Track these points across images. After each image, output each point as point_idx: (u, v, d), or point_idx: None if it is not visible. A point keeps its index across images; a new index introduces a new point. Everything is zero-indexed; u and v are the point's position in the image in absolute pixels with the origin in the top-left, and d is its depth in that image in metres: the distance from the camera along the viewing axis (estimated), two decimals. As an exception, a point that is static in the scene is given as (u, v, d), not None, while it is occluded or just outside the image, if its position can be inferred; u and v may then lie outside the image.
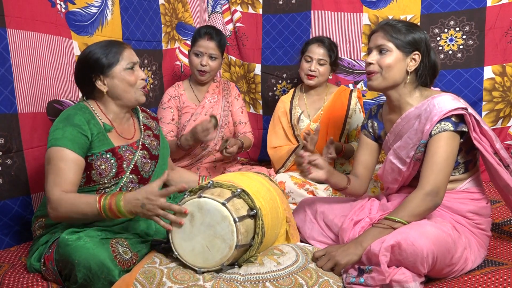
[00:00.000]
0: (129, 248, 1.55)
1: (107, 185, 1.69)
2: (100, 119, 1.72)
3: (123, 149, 1.73)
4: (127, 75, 1.70)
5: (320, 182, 1.96)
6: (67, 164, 1.57)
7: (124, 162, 1.71)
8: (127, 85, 1.71)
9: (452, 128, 1.59)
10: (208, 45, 2.49)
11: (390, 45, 1.67)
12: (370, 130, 1.89)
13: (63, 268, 1.50)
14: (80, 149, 1.60)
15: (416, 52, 1.67)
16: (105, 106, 1.75)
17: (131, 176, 1.73)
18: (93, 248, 1.42)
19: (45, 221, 1.70)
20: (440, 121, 1.59)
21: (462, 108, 1.59)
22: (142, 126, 1.87)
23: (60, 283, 1.54)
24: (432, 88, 1.77)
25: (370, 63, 1.70)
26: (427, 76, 1.70)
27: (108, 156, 1.68)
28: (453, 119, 1.59)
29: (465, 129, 1.60)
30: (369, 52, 1.74)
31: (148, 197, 1.46)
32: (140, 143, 1.80)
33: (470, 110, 1.60)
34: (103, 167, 1.66)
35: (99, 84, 1.71)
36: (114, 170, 1.68)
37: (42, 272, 1.60)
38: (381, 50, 1.68)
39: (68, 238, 1.45)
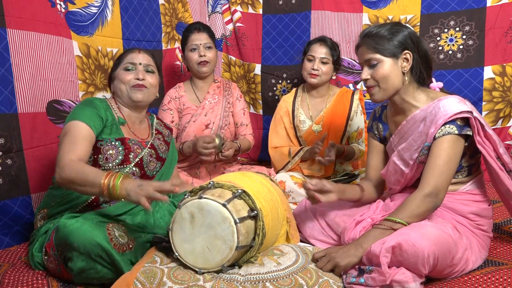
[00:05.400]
0: (126, 233, 1.56)
1: (111, 171, 1.69)
2: (115, 112, 1.83)
3: (133, 142, 1.80)
4: (123, 75, 1.84)
5: None
6: (83, 136, 1.67)
7: (131, 153, 1.78)
8: (120, 83, 1.84)
9: (456, 132, 1.58)
10: (200, 37, 2.55)
11: (377, 56, 1.65)
12: (376, 132, 1.89)
13: (62, 252, 1.52)
14: (95, 127, 1.71)
15: (406, 51, 1.65)
16: (118, 105, 1.87)
17: (134, 169, 1.78)
18: (89, 230, 1.45)
19: (47, 211, 1.74)
20: (444, 124, 1.58)
21: (468, 112, 1.57)
22: (154, 131, 1.96)
23: (63, 270, 1.55)
24: (435, 85, 1.75)
25: (366, 79, 1.68)
26: (421, 69, 1.68)
27: (117, 143, 1.76)
28: (458, 122, 1.58)
29: (469, 132, 1.59)
30: (361, 67, 1.72)
31: (144, 182, 1.47)
32: (150, 143, 1.87)
33: (476, 113, 1.59)
34: (110, 152, 1.73)
35: (112, 86, 1.91)
36: (120, 158, 1.75)
37: (44, 261, 1.61)
38: (371, 64, 1.66)
39: (66, 222, 1.48)
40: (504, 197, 1.74)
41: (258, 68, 3.30)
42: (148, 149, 1.85)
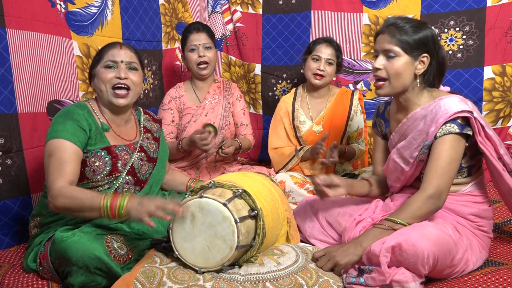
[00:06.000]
0: (125, 243, 1.56)
1: (100, 183, 1.69)
2: (98, 118, 1.74)
3: (119, 148, 1.73)
4: (103, 73, 1.70)
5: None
6: (69, 155, 1.59)
7: (119, 162, 1.71)
8: (101, 82, 1.71)
9: (457, 130, 1.57)
10: (199, 37, 2.53)
11: (398, 49, 1.61)
12: (378, 128, 1.90)
13: (59, 265, 1.50)
14: (79, 142, 1.62)
15: (425, 54, 1.63)
16: (100, 107, 1.77)
17: (127, 177, 1.74)
18: (88, 244, 1.43)
19: (40, 220, 1.71)
20: (445, 123, 1.57)
21: (468, 111, 1.57)
22: (142, 129, 1.87)
23: (57, 281, 1.55)
24: (442, 89, 1.74)
25: (378, 69, 1.65)
26: (434, 77, 1.67)
27: (103, 153, 1.68)
28: (459, 121, 1.57)
29: (470, 132, 1.58)
30: (376, 54, 1.69)
31: (145, 199, 1.47)
32: (138, 145, 1.80)
33: (476, 114, 1.58)
34: (97, 164, 1.66)
35: (92, 84, 1.78)
36: (108, 168, 1.69)
37: (38, 272, 1.60)
38: (389, 56, 1.63)
39: (63, 235, 1.46)
40: (506, 198, 1.74)
41: (258, 68, 3.30)
42: (138, 153, 1.78)
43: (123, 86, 1.71)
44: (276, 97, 3.26)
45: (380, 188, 1.87)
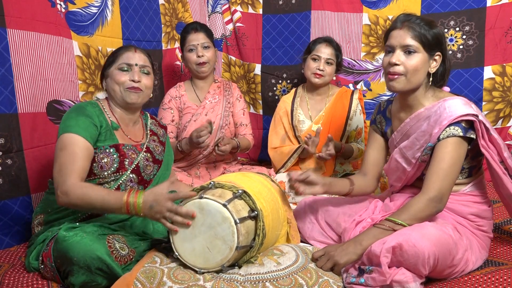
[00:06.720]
0: (126, 244, 1.56)
1: (106, 179, 1.70)
2: (108, 117, 1.77)
3: (127, 147, 1.76)
4: (117, 75, 1.76)
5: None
6: (81, 151, 1.62)
7: (126, 160, 1.74)
8: (114, 83, 1.76)
9: (461, 133, 1.56)
10: (197, 37, 2.53)
11: (418, 45, 1.60)
12: (378, 125, 1.88)
13: (61, 265, 1.51)
14: (91, 138, 1.65)
15: (438, 52, 1.64)
16: (111, 106, 1.82)
17: (131, 175, 1.75)
18: (89, 244, 1.44)
19: (44, 217, 1.73)
20: (449, 125, 1.57)
21: (473, 115, 1.56)
22: (148, 131, 1.91)
23: (58, 280, 1.55)
24: (444, 87, 1.74)
25: (396, 64, 1.62)
26: (443, 77, 1.67)
27: (111, 150, 1.71)
28: (463, 124, 1.57)
29: (473, 136, 1.58)
30: (389, 50, 1.66)
31: (156, 199, 1.49)
32: (145, 146, 1.83)
33: (481, 117, 1.58)
34: (105, 160, 1.69)
35: (103, 84, 1.84)
36: (115, 165, 1.71)
37: (40, 270, 1.61)
38: (408, 51, 1.61)
39: (65, 234, 1.47)
40: (506, 201, 1.74)
41: (258, 68, 3.30)
42: (144, 153, 1.81)
43: (136, 87, 1.76)
44: (276, 97, 3.26)
45: (364, 187, 1.84)
